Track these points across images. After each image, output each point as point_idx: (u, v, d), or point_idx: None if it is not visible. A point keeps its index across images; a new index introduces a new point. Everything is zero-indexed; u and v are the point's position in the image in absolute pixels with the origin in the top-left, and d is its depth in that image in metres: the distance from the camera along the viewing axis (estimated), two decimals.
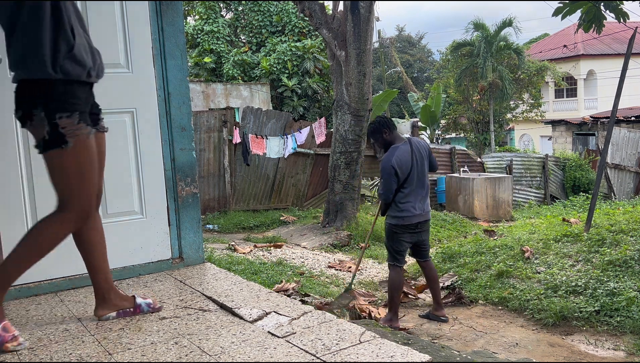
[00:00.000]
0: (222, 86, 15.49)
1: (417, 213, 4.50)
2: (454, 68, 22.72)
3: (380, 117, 4.73)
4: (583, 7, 5.96)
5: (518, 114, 24.14)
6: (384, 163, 4.51)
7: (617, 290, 4.49)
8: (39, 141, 2.06)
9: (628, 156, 16.35)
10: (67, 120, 2.04)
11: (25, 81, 2.03)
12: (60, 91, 2.04)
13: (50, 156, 2.08)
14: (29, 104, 2.02)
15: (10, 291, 2.75)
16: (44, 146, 2.05)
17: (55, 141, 2.04)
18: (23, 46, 2.00)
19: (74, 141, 2.07)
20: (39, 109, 2.01)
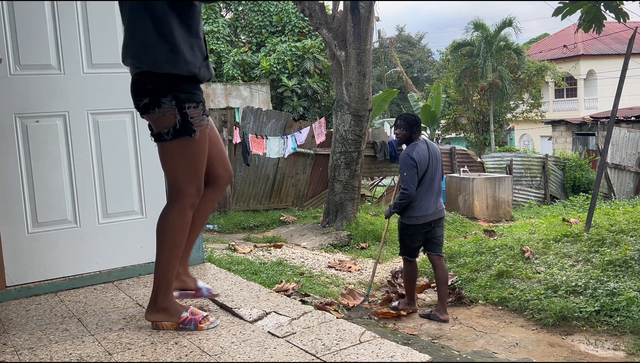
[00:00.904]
0: (222, 86, 15.48)
1: (431, 213, 4.63)
2: (454, 68, 22.71)
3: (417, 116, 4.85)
4: (583, 7, 5.96)
5: (518, 114, 24.13)
6: (404, 156, 4.60)
7: (617, 290, 4.49)
8: (167, 128, 2.15)
9: (628, 156, 16.35)
10: (194, 110, 2.17)
11: (151, 73, 2.14)
12: (189, 84, 2.18)
13: (177, 144, 2.17)
14: (158, 93, 2.14)
15: (10, 291, 2.76)
16: (173, 133, 2.15)
17: (185, 129, 2.15)
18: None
19: (200, 131, 2.19)
20: (168, 98, 2.13)
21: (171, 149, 2.19)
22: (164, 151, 2.21)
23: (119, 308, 2.58)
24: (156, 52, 2.13)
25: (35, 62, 2.83)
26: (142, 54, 2.16)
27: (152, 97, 2.15)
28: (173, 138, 2.16)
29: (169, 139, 2.16)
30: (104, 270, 3.00)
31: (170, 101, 2.13)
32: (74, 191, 2.93)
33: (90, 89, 2.95)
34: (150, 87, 2.15)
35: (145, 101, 2.16)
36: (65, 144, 2.91)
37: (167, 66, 2.13)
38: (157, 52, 2.13)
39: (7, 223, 2.79)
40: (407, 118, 4.77)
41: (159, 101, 2.14)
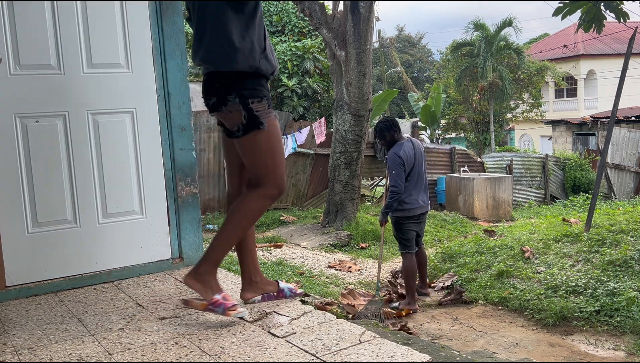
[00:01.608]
0: None
1: (421, 205, 5.07)
2: (454, 68, 22.70)
3: (389, 118, 5.32)
4: (583, 7, 5.96)
5: (518, 114, 24.13)
6: (391, 155, 4.98)
7: (617, 290, 4.49)
8: (237, 125, 2.26)
9: (628, 156, 16.34)
10: (258, 104, 2.26)
11: (217, 72, 2.27)
12: (252, 80, 2.27)
13: (249, 138, 2.28)
14: (224, 91, 2.26)
15: (10, 291, 2.76)
16: (244, 129, 2.26)
17: (253, 123, 2.25)
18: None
19: (268, 123, 2.27)
20: (233, 95, 2.24)
21: (245, 144, 2.29)
22: (241, 146, 2.32)
23: (119, 308, 2.58)
24: (218, 52, 2.24)
25: (35, 62, 2.83)
26: (207, 55, 2.28)
27: (219, 95, 2.27)
28: (244, 133, 2.26)
29: (240, 136, 2.27)
30: (104, 270, 3.00)
31: (235, 99, 2.24)
32: (74, 191, 2.93)
33: (90, 89, 2.95)
34: (217, 86, 2.28)
35: (214, 100, 2.30)
36: (65, 144, 2.91)
37: (228, 64, 2.23)
38: (219, 52, 2.24)
39: (7, 223, 2.79)
40: (380, 128, 5.22)
41: (225, 99, 2.25)
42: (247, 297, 2.51)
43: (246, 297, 2.51)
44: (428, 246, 7.73)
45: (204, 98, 2.37)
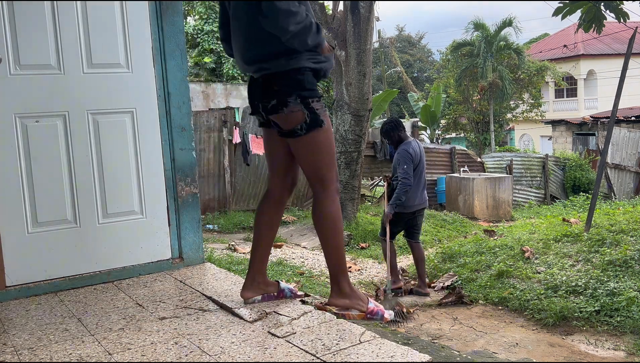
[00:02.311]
0: (222, 86, 15.48)
1: (417, 203, 5.30)
2: (454, 68, 22.71)
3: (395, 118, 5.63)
4: (583, 7, 5.96)
5: (518, 114, 24.13)
6: (402, 151, 5.22)
7: (617, 290, 4.49)
8: (299, 124, 2.28)
9: (628, 156, 16.34)
10: (317, 103, 2.30)
11: (276, 74, 2.27)
12: (310, 80, 2.31)
13: (311, 137, 2.31)
14: (284, 92, 2.26)
15: (10, 291, 2.76)
16: (307, 128, 2.28)
17: (315, 122, 2.29)
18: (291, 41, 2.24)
19: (325, 121, 2.32)
20: (293, 96, 2.25)
21: (307, 142, 2.32)
22: (300, 145, 2.34)
23: (119, 308, 2.58)
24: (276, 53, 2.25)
25: (35, 62, 2.82)
26: (262, 56, 2.27)
27: (279, 97, 2.27)
28: (307, 131, 2.28)
29: (304, 134, 2.29)
30: (104, 270, 3.00)
31: (296, 100, 2.25)
32: (74, 191, 2.93)
33: (90, 89, 2.95)
34: (276, 89, 2.28)
35: (273, 102, 2.29)
36: (65, 144, 2.91)
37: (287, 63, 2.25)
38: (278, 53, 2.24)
39: (7, 223, 2.79)
40: (387, 128, 5.49)
41: (286, 100, 2.26)
42: (247, 296, 2.51)
43: (246, 296, 2.51)
44: (428, 246, 7.73)
45: (256, 102, 2.35)
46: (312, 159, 2.36)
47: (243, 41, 2.34)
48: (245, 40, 2.33)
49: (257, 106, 2.38)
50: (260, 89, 2.34)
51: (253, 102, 2.41)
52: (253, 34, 2.29)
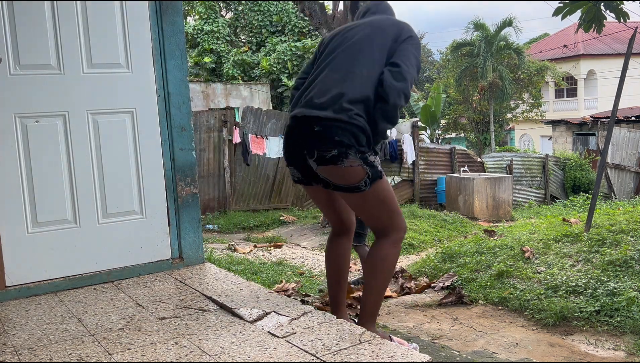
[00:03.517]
0: (222, 86, 15.48)
1: None
2: (454, 68, 22.71)
3: None
4: (583, 7, 5.95)
5: (518, 114, 24.12)
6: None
7: (618, 290, 4.49)
8: (362, 181, 2.20)
9: (628, 156, 16.34)
10: (373, 156, 2.24)
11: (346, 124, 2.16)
12: (368, 132, 2.22)
13: (373, 190, 2.23)
14: (347, 145, 2.16)
15: (10, 291, 2.76)
16: (370, 183, 2.21)
17: (376, 174, 2.22)
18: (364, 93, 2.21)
19: (383, 171, 2.27)
20: (354, 149, 2.17)
21: (370, 196, 2.24)
22: (362, 200, 2.26)
23: (119, 308, 2.58)
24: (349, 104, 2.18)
25: (35, 62, 2.83)
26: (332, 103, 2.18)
27: (340, 148, 2.16)
28: (370, 186, 2.21)
29: (367, 189, 2.21)
30: (103, 270, 3.00)
31: (356, 154, 2.17)
32: (74, 191, 2.93)
33: (90, 89, 2.95)
34: (338, 140, 2.16)
35: (334, 152, 2.16)
36: (65, 144, 2.91)
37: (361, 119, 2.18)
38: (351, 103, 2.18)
39: (7, 223, 2.79)
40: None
41: (347, 152, 2.16)
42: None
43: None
44: (428, 246, 7.73)
45: (306, 151, 2.22)
46: (377, 211, 2.30)
47: (338, 77, 2.24)
48: (341, 77, 2.24)
49: (305, 155, 2.24)
50: (315, 138, 2.19)
51: (300, 150, 2.26)
52: (352, 74, 2.22)
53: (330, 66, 2.29)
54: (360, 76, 2.21)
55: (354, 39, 2.31)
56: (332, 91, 2.21)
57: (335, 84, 2.22)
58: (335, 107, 2.17)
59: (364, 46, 2.27)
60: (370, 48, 2.26)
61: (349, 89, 2.19)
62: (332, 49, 2.35)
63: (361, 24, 2.38)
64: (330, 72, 2.28)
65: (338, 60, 2.29)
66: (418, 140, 13.27)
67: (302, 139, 2.25)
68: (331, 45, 2.38)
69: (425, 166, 13.37)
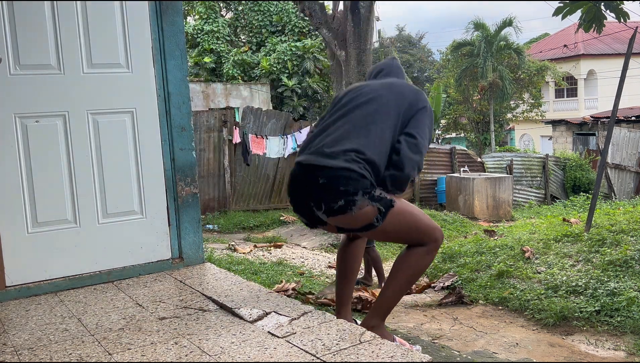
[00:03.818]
0: (222, 86, 15.49)
1: None
2: (454, 68, 22.71)
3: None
4: (583, 7, 5.95)
5: (518, 114, 24.12)
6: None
7: (618, 290, 4.49)
8: (374, 218, 2.21)
9: (628, 156, 16.34)
10: (378, 189, 2.22)
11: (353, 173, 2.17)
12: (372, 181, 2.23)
13: (390, 219, 2.24)
14: (352, 193, 2.16)
15: (10, 291, 2.76)
16: (382, 217, 2.22)
17: (386, 205, 2.21)
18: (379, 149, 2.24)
19: (394, 197, 2.26)
20: (360, 193, 2.16)
21: (388, 226, 2.24)
22: (382, 232, 2.27)
23: (119, 308, 2.58)
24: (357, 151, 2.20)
25: (35, 62, 2.83)
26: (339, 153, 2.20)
27: (346, 197, 2.16)
28: (384, 218, 2.22)
29: (381, 224, 2.22)
30: (104, 270, 3.00)
31: (363, 196, 2.16)
32: (74, 191, 2.93)
33: (90, 89, 2.95)
34: (342, 189, 2.16)
35: (341, 202, 2.17)
36: (65, 144, 2.91)
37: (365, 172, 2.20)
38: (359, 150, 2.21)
39: (7, 223, 2.79)
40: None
41: (354, 199, 2.16)
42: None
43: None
44: None
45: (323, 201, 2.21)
46: (400, 235, 2.31)
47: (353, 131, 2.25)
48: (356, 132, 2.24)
49: (312, 207, 2.25)
50: (320, 189, 2.19)
51: (306, 201, 2.26)
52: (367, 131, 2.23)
53: (346, 117, 2.30)
54: (375, 135, 2.22)
55: (373, 96, 2.33)
56: (344, 144, 2.21)
57: (349, 137, 2.23)
58: (346, 157, 2.18)
59: (382, 107, 2.29)
60: (387, 110, 2.28)
61: (363, 145, 2.20)
62: (349, 101, 2.36)
63: (380, 85, 2.39)
64: (345, 124, 2.28)
65: (354, 114, 2.29)
66: None
67: (307, 190, 2.25)
68: (347, 97, 2.39)
69: (425, 166, 13.36)
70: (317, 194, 2.20)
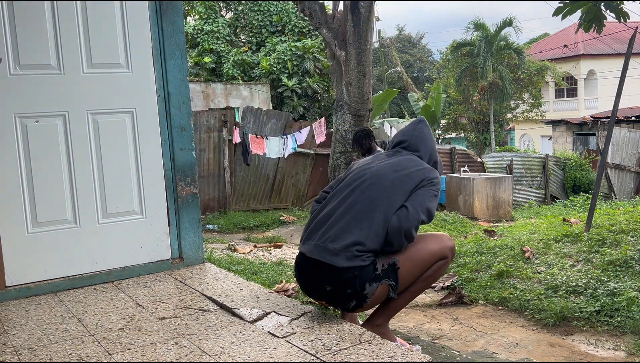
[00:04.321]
0: (222, 86, 15.48)
1: None
2: (454, 68, 22.71)
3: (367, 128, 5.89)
4: (583, 7, 5.95)
5: (518, 114, 24.12)
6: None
7: (618, 290, 4.49)
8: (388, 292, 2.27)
9: (628, 156, 16.34)
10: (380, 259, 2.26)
11: (346, 277, 2.20)
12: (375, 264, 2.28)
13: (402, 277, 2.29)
14: (357, 292, 2.22)
15: (10, 291, 2.76)
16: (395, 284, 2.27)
17: (393, 276, 2.27)
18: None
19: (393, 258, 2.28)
20: (366, 286, 2.22)
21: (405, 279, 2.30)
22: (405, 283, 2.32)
23: (119, 308, 2.58)
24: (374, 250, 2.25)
25: (35, 62, 2.83)
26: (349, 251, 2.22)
27: (357, 296, 2.23)
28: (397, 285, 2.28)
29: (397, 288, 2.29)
30: (103, 270, 3.00)
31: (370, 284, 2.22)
32: (73, 191, 2.93)
33: (90, 89, 2.95)
34: (350, 292, 2.22)
35: (353, 303, 2.25)
36: (65, 144, 2.91)
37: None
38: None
39: (7, 223, 2.79)
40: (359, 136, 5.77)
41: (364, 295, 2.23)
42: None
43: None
44: None
45: (334, 304, 2.31)
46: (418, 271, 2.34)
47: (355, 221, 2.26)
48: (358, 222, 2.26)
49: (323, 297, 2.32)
50: (330, 295, 2.26)
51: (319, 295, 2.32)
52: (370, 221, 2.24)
53: (350, 201, 2.31)
54: (377, 224, 2.24)
55: (375, 181, 2.33)
56: (346, 238, 2.23)
57: (350, 230, 2.24)
58: (347, 254, 2.21)
59: (386, 191, 2.30)
60: (391, 194, 2.29)
61: (365, 237, 2.22)
62: (353, 181, 2.38)
63: (390, 164, 2.40)
64: (347, 213, 2.29)
65: (359, 199, 2.30)
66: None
67: (317, 288, 2.31)
68: (352, 177, 2.41)
69: None
70: (328, 298, 2.29)
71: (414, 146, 2.53)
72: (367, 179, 2.35)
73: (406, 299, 2.40)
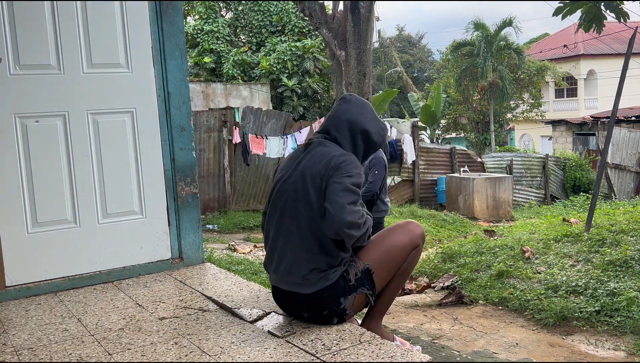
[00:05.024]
0: (222, 86, 15.48)
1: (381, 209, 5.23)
2: (454, 68, 22.71)
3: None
4: (583, 7, 5.95)
5: (518, 114, 24.12)
6: (378, 157, 4.97)
7: (618, 290, 4.49)
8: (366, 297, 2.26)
9: (628, 156, 16.34)
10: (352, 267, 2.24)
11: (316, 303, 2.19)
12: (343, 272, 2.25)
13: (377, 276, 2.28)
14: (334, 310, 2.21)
15: (10, 291, 2.76)
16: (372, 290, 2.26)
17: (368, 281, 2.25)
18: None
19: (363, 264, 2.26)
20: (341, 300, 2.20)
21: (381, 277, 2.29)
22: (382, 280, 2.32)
23: (119, 308, 2.58)
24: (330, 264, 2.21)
25: (35, 62, 2.83)
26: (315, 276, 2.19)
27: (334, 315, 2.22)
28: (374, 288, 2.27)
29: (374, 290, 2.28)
30: (103, 270, 3.00)
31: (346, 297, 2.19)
32: (73, 191, 2.93)
33: (90, 89, 2.95)
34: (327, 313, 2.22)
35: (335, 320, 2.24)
36: (65, 144, 2.91)
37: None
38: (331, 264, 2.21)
39: (7, 223, 2.79)
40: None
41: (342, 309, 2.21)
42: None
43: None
44: (428, 246, 7.72)
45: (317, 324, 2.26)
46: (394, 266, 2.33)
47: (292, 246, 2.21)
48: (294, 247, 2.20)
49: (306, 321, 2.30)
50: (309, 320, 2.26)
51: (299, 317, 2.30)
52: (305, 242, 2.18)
53: (285, 229, 2.23)
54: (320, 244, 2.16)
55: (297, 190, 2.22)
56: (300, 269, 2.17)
57: (299, 261, 2.18)
58: (310, 281, 2.16)
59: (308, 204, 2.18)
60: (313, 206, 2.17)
61: (316, 261, 2.16)
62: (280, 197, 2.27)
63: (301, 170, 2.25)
64: (288, 243, 2.22)
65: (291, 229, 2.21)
66: (418, 140, 13.26)
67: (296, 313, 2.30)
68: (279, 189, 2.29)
69: (425, 166, 13.37)
70: (310, 322, 2.26)
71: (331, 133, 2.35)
72: (289, 199, 2.23)
73: (390, 296, 2.39)
